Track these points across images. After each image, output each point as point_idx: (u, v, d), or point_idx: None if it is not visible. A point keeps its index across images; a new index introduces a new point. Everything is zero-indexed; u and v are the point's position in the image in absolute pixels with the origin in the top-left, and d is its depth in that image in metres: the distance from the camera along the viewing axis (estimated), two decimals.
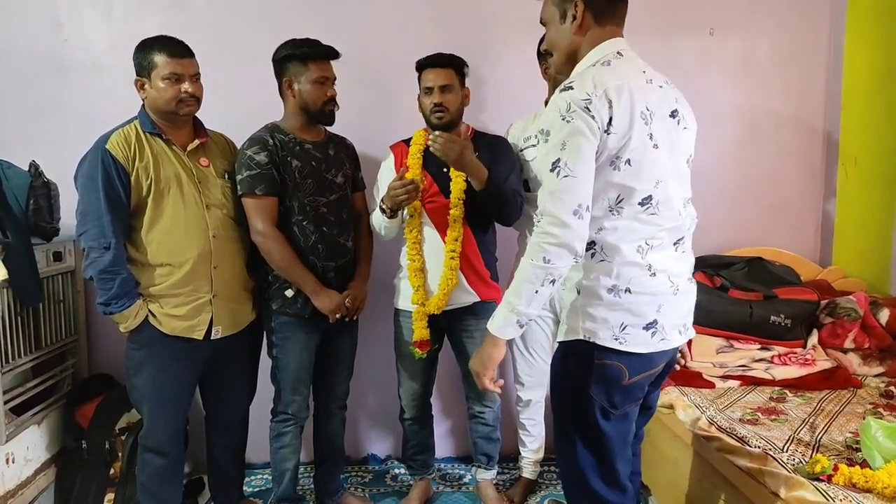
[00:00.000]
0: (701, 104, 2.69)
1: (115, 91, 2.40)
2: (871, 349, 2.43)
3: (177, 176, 1.92)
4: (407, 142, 2.24)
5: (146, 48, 1.88)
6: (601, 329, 1.41)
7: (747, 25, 2.73)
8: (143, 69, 1.89)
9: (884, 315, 2.47)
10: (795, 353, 2.36)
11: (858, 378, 2.32)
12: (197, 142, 1.99)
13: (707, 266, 2.55)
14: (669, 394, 2.18)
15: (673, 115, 1.44)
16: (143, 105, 1.94)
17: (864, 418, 1.85)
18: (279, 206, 2.05)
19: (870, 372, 2.38)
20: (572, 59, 1.47)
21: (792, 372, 2.30)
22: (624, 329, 1.40)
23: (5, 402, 2.01)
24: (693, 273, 2.50)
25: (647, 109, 1.37)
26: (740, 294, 2.42)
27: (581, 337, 1.42)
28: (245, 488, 2.45)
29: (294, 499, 2.29)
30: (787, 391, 2.22)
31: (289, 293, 2.09)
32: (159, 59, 1.86)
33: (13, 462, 2.03)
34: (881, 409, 2.05)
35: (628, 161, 1.36)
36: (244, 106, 2.36)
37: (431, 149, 1.97)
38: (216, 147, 2.08)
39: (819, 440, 1.80)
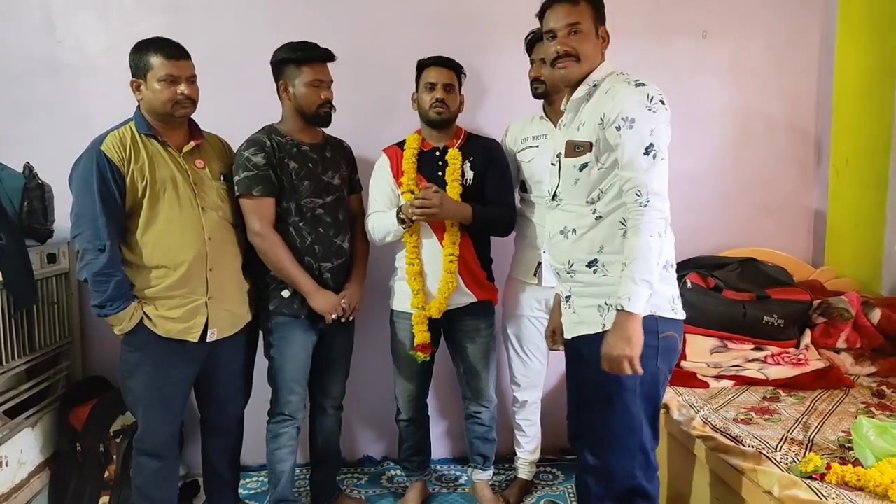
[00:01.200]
0: (694, 106, 2.76)
1: (109, 93, 2.40)
2: (864, 349, 2.44)
3: (172, 178, 1.92)
4: (400, 145, 2.24)
5: (142, 49, 1.88)
6: (662, 302, 1.58)
7: (740, 29, 2.75)
8: (139, 70, 1.88)
9: (875, 315, 2.48)
10: (788, 352, 2.38)
11: (851, 378, 2.34)
12: (192, 143, 1.99)
13: (700, 267, 2.57)
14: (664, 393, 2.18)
15: None
16: (139, 106, 1.94)
17: (856, 417, 1.87)
18: (276, 207, 2.06)
19: (862, 371, 2.40)
20: (588, 73, 1.64)
21: (785, 372, 2.31)
22: (673, 300, 1.62)
23: None
24: (686, 273, 2.53)
25: None
26: (734, 294, 2.43)
27: (648, 313, 1.51)
28: (240, 491, 2.44)
29: (290, 501, 2.28)
30: (780, 391, 2.23)
31: (285, 293, 2.10)
32: (155, 60, 1.86)
33: (7, 465, 2.02)
34: (873, 409, 2.06)
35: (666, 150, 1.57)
36: (240, 108, 2.37)
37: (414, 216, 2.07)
38: (212, 149, 2.08)
39: (812, 439, 1.81)
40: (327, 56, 2.10)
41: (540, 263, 2.20)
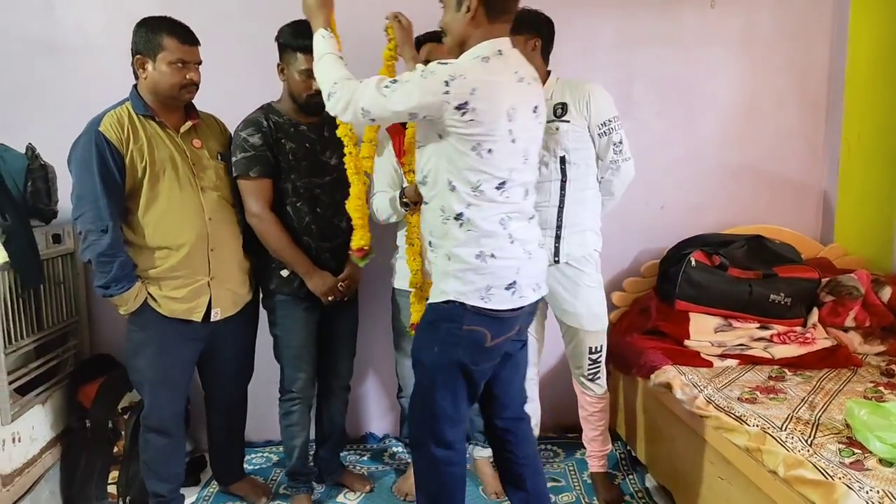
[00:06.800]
0: (701, 80, 2.70)
1: (109, 72, 2.38)
2: (873, 327, 2.41)
3: (171, 158, 1.91)
4: (403, 123, 2.21)
5: (154, 28, 1.85)
6: (472, 290, 1.62)
7: None
8: (148, 49, 1.85)
9: (886, 293, 2.45)
10: (795, 331, 2.35)
11: (859, 357, 2.31)
12: (189, 123, 1.97)
13: (706, 244, 2.53)
14: (667, 373, 2.18)
15: (535, 110, 1.63)
16: (136, 86, 1.92)
17: (864, 398, 1.84)
18: (274, 188, 2.06)
19: (871, 350, 2.37)
20: (462, 46, 1.61)
21: (791, 351, 2.28)
22: (487, 289, 1.62)
23: (10, 383, 2.02)
24: (691, 251, 2.47)
25: (513, 108, 1.54)
26: (739, 272, 2.40)
27: (453, 298, 1.61)
28: (245, 466, 2.47)
29: (304, 473, 2.31)
30: (786, 370, 2.20)
31: (284, 273, 2.11)
32: (169, 42, 1.84)
33: (19, 441, 2.05)
34: (882, 388, 2.03)
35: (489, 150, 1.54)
36: (235, 87, 2.34)
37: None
38: (208, 129, 2.07)
39: (818, 419, 1.79)
40: None
41: None
